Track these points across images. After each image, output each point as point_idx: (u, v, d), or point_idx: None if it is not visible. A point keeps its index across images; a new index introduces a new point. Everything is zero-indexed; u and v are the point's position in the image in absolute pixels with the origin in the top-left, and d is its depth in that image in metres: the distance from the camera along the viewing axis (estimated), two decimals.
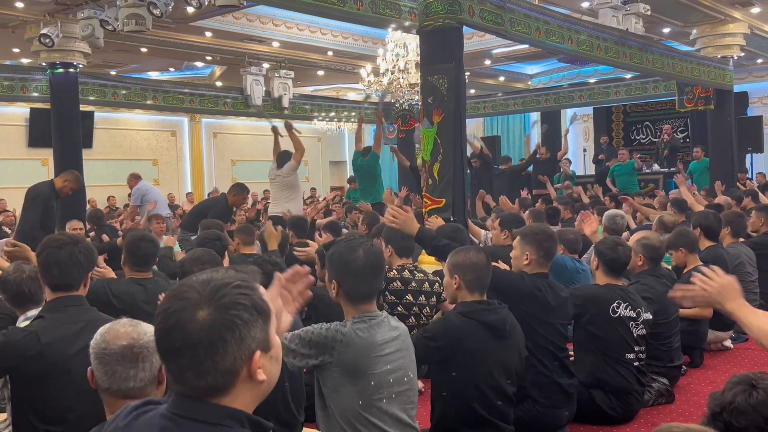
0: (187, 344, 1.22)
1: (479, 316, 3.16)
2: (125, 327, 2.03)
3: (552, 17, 8.42)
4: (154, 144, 18.62)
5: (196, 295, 1.25)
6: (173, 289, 1.30)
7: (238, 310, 1.25)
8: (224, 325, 1.23)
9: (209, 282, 1.27)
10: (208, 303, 1.24)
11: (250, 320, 1.26)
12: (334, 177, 22.88)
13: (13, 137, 15.88)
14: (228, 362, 1.24)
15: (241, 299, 1.26)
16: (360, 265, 2.64)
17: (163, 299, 1.29)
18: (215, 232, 4.91)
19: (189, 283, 1.28)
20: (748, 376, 1.83)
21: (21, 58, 13.17)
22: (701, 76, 11.35)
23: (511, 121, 19.83)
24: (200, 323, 1.22)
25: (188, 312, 1.23)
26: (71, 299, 2.69)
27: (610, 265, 4.15)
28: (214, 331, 1.23)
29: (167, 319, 1.25)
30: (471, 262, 3.23)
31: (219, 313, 1.23)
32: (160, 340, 1.26)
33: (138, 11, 8.28)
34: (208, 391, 1.25)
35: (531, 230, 3.91)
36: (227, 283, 1.27)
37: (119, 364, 1.98)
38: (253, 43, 12.75)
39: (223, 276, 1.29)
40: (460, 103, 6.84)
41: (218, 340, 1.23)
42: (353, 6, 6.80)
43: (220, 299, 1.25)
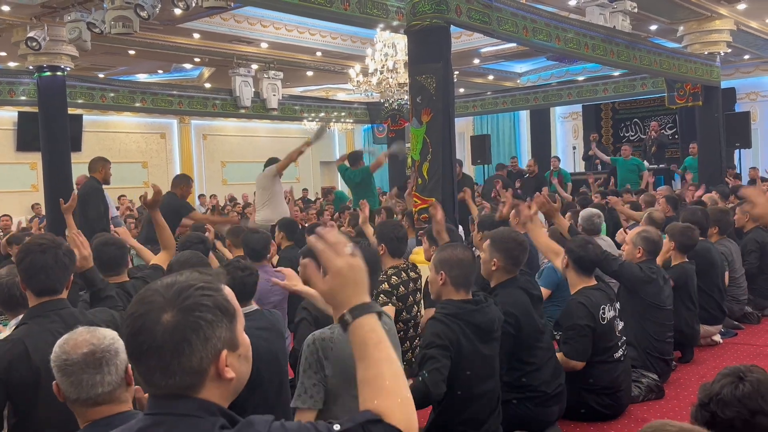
0: (153, 346, 1.26)
1: (469, 318, 3.15)
2: (83, 335, 2.03)
3: (539, 15, 8.45)
4: (144, 146, 18.56)
5: (160, 298, 1.28)
6: (139, 293, 1.33)
7: (202, 311, 1.28)
8: (188, 326, 1.26)
9: (172, 285, 1.30)
10: (172, 306, 1.27)
11: (214, 321, 1.29)
12: (324, 177, 22.86)
13: (1, 141, 15.80)
14: (194, 362, 1.27)
15: (204, 300, 1.29)
16: None
17: (130, 304, 1.32)
18: (198, 235, 4.90)
19: (153, 287, 1.32)
20: (737, 369, 1.85)
21: (8, 62, 13.10)
22: (688, 73, 11.41)
23: (501, 119, 19.87)
24: (165, 326, 1.26)
25: (153, 315, 1.26)
26: (55, 303, 2.67)
27: (579, 263, 4.11)
28: (178, 333, 1.26)
29: (134, 322, 1.28)
30: (457, 258, 3.23)
31: (183, 315, 1.27)
32: (129, 343, 1.30)
33: (125, 13, 8.24)
34: (176, 390, 1.28)
35: (500, 237, 3.82)
36: (190, 285, 1.30)
37: (84, 372, 1.97)
38: (242, 44, 12.73)
39: (186, 278, 1.32)
40: (448, 103, 6.86)
41: (183, 341, 1.26)
42: (340, 6, 6.81)
43: (183, 301, 1.27)
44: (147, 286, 1.34)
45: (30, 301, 2.71)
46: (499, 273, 3.76)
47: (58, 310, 2.67)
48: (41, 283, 2.66)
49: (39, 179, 13.48)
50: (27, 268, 2.67)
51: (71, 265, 2.75)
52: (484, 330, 3.15)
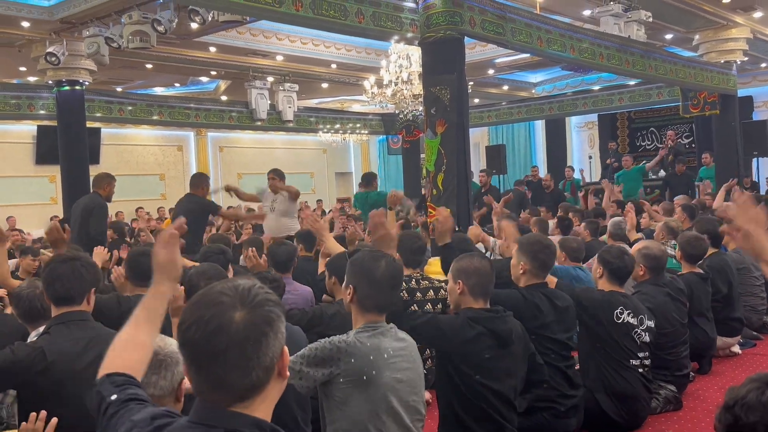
0: (233, 343, 1.27)
1: (487, 324, 3.16)
2: None
3: (553, 26, 8.45)
4: (161, 159, 18.72)
5: (227, 299, 1.31)
6: (195, 301, 1.34)
7: (270, 306, 1.33)
8: (263, 320, 1.31)
9: (237, 286, 1.34)
10: (243, 304, 1.31)
11: (280, 315, 1.35)
12: (340, 188, 22.93)
13: (21, 155, 16.00)
14: (268, 358, 1.30)
15: (269, 296, 1.35)
16: (379, 275, 2.67)
17: (187, 310, 1.33)
18: (219, 246, 4.93)
19: (216, 290, 1.34)
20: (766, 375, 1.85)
21: (27, 77, 13.28)
22: (705, 82, 11.36)
23: (516, 129, 19.85)
24: (242, 322, 1.29)
25: (227, 314, 1.29)
26: (75, 314, 2.71)
27: (616, 273, 4.15)
28: (256, 327, 1.29)
29: (206, 325, 1.29)
30: (474, 267, 3.25)
31: (256, 310, 1.31)
32: (201, 346, 1.29)
33: (142, 28, 8.37)
34: (249, 391, 1.30)
35: (527, 240, 3.91)
36: (253, 285, 1.35)
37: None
38: (257, 57, 12.84)
39: (244, 281, 1.36)
40: (462, 113, 6.88)
41: (261, 335, 1.29)
42: (355, 19, 6.86)
43: (254, 299, 1.32)
44: (204, 291, 1.35)
45: (52, 311, 2.77)
46: (526, 277, 3.80)
47: (78, 321, 2.71)
48: (56, 291, 2.73)
49: (58, 192, 13.64)
50: (46, 277, 2.76)
51: (90, 277, 2.79)
52: (503, 337, 3.16)
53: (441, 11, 6.84)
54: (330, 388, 2.59)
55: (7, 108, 11.39)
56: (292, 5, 6.35)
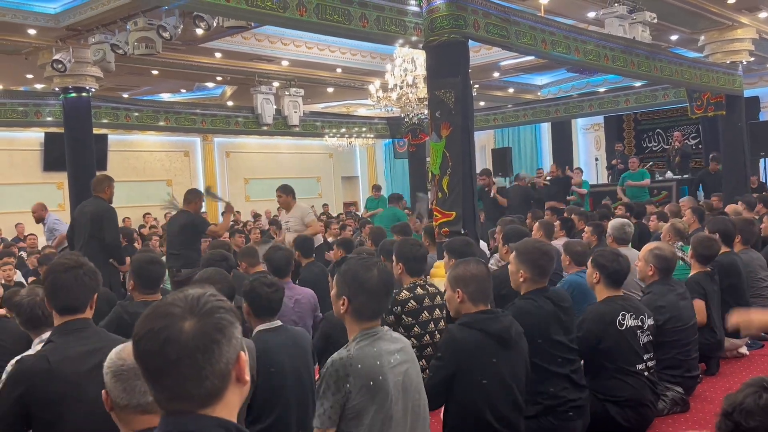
0: (184, 353, 1.28)
1: (482, 326, 3.15)
2: None
3: (557, 28, 8.44)
4: (168, 165, 18.78)
5: (177, 309, 1.31)
6: (147, 313, 1.34)
7: (221, 313, 1.33)
8: (214, 327, 1.30)
9: (186, 297, 1.34)
10: (192, 313, 1.30)
11: (232, 322, 1.34)
12: (346, 192, 22.96)
13: (29, 162, 16.08)
14: (222, 364, 1.30)
15: (220, 304, 1.34)
16: (374, 284, 2.65)
17: (139, 323, 1.33)
18: (221, 252, 4.95)
19: (165, 302, 1.34)
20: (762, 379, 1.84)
21: (34, 84, 13.35)
22: (710, 83, 11.32)
23: (522, 132, 19.84)
24: (191, 332, 1.29)
25: (176, 325, 1.29)
26: (78, 322, 2.71)
27: (612, 277, 4.10)
28: (207, 336, 1.29)
29: (156, 336, 1.29)
30: (471, 274, 3.23)
31: (206, 319, 1.31)
32: (153, 358, 1.30)
33: (148, 35, 8.40)
34: (206, 399, 1.30)
35: (525, 248, 3.83)
36: (203, 293, 1.35)
37: (138, 379, 1.99)
38: (263, 62, 12.87)
39: (195, 290, 1.36)
40: (467, 117, 6.87)
41: (212, 343, 1.29)
42: (359, 24, 6.88)
43: (203, 307, 1.32)
44: (154, 305, 1.35)
45: (54, 320, 2.76)
46: (526, 284, 3.76)
47: (82, 329, 2.72)
48: (62, 301, 2.72)
49: (65, 199, 13.71)
50: (49, 286, 2.75)
51: (93, 285, 2.80)
52: (502, 337, 3.15)
53: (445, 15, 6.84)
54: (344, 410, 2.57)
55: (15, 115, 11.44)
56: (296, 10, 6.38)
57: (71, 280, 2.72)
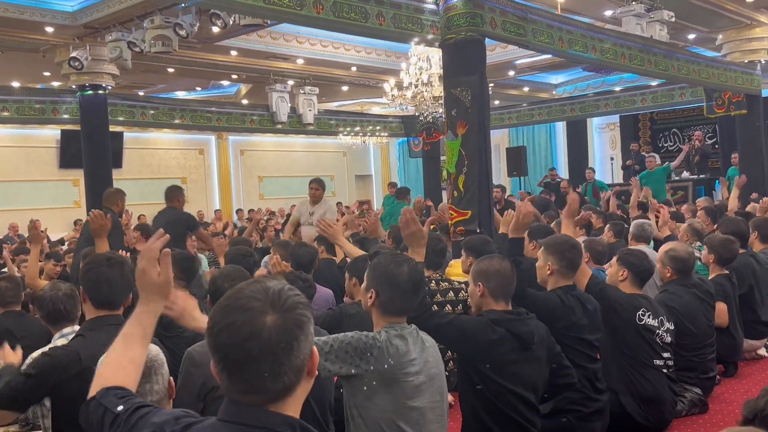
0: (266, 349, 1.27)
1: (509, 326, 3.13)
2: None
3: (575, 26, 8.41)
4: (183, 162, 18.86)
5: (258, 303, 1.30)
6: (225, 305, 1.32)
7: (301, 309, 1.33)
8: (295, 324, 1.31)
9: (267, 289, 1.33)
10: (274, 308, 1.30)
11: (310, 318, 1.34)
12: (360, 191, 22.98)
13: (45, 159, 16.19)
14: (299, 360, 1.31)
15: (299, 299, 1.34)
16: (403, 280, 2.65)
17: (217, 314, 1.32)
18: (246, 248, 4.95)
19: (246, 294, 1.32)
20: None
21: (51, 81, 13.45)
22: (728, 82, 11.24)
23: (537, 131, 19.76)
24: (274, 328, 1.28)
25: (259, 320, 1.28)
26: (112, 318, 2.69)
27: (641, 276, 4.11)
28: (288, 332, 1.29)
29: (238, 330, 1.28)
30: (495, 269, 3.21)
31: (287, 314, 1.30)
32: (234, 351, 1.28)
33: (164, 32, 8.44)
34: (280, 393, 1.30)
35: (554, 240, 3.84)
36: (282, 287, 1.34)
37: (148, 382, 2.02)
38: (278, 60, 12.89)
39: (274, 283, 1.35)
40: (483, 115, 6.86)
41: (293, 339, 1.29)
42: (375, 21, 6.86)
43: (285, 302, 1.32)
44: (232, 294, 1.34)
45: (88, 313, 2.75)
46: (554, 278, 3.72)
47: (115, 324, 2.71)
48: (104, 295, 2.71)
49: (81, 196, 13.80)
50: (93, 279, 2.71)
51: (134, 284, 2.81)
52: (525, 339, 3.13)
53: (462, 12, 6.83)
54: (355, 385, 2.57)
55: (32, 112, 11.55)
56: (313, 8, 6.37)
57: (117, 275, 2.71)
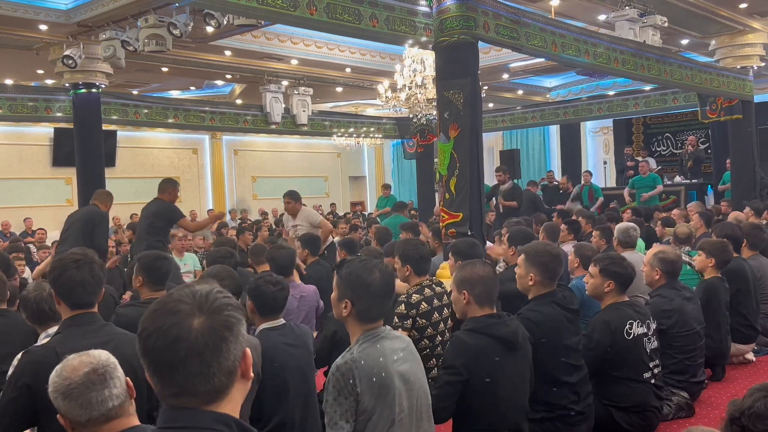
0: (194, 351, 1.28)
1: (490, 330, 3.13)
2: (77, 358, 2.06)
3: (568, 30, 8.42)
4: (176, 162, 18.82)
5: (186, 306, 1.31)
6: (155, 309, 1.33)
7: (229, 310, 1.33)
8: (223, 325, 1.31)
9: (194, 293, 1.33)
10: (201, 310, 1.31)
11: (240, 319, 1.34)
12: (353, 192, 22.98)
13: (38, 157, 16.15)
14: (230, 362, 1.31)
15: (228, 301, 1.35)
16: (377, 287, 2.64)
17: (147, 319, 1.32)
18: (227, 249, 4.95)
19: (174, 298, 1.33)
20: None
21: (45, 79, 13.42)
22: (721, 87, 11.28)
23: (530, 134, 19.80)
24: (201, 329, 1.29)
25: (186, 322, 1.29)
26: (87, 316, 2.74)
27: (625, 283, 4.05)
28: (216, 333, 1.30)
29: (166, 333, 1.29)
30: (478, 276, 3.21)
31: (214, 316, 1.31)
32: (161, 355, 1.29)
33: (158, 32, 8.43)
34: (212, 395, 1.31)
35: (535, 250, 3.76)
36: (210, 290, 1.35)
37: (91, 391, 1.99)
38: (272, 61, 12.90)
39: (202, 287, 1.36)
40: (476, 118, 6.86)
41: (221, 341, 1.30)
42: (369, 23, 6.87)
43: (211, 304, 1.32)
44: (162, 299, 1.35)
45: (64, 314, 2.77)
46: (536, 287, 3.72)
47: (90, 322, 2.74)
48: (79, 297, 2.73)
49: (74, 194, 13.76)
50: (65, 282, 2.72)
51: (103, 278, 2.82)
52: (509, 341, 3.14)
53: (455, 15, 6.83)
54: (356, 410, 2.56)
55: (25, 110, 11.50)
56: (306, 9, 6.38)
57: (87, 276, 2.73)
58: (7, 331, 4.06)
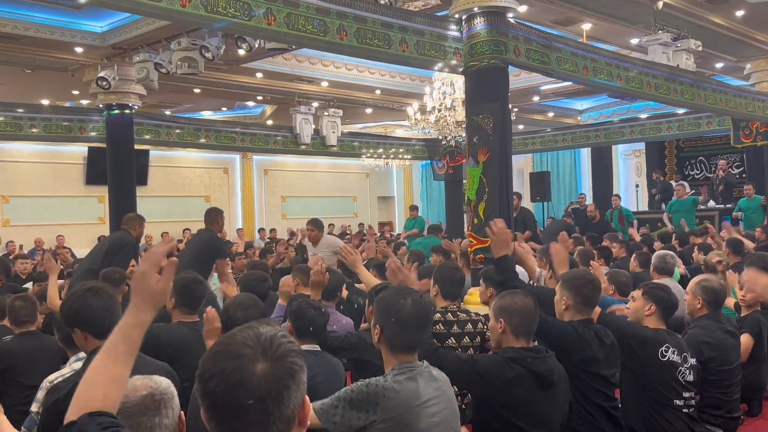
0: (255, 399, 1.24)
1: (527, 364, 3.07)
2: (140, 380, 2.04)
3: (600, 55, 8.36)
4: (207, 181, 19.01)
5: (249, 351, 1.27)
6: (217, 351, 1.30)
7: (293, 357, 1.29)
8: (286, 373, 1.27)
9: (258, 336, 1.29)
10: (265, 355, 1.27)
11: (302, 366, 1.30)
12: (381, 212, 22.98)
13: (72, 175, 16.41)
14: (290, 410, 1.27)
15: (292, 347, 1.30)
16: (406, 314, 2.59)
17: (208, 360, 1.29)
18: (261, 273, 4.92)
19: (237, 341, 1.30)
20: None
21: (80, 100, 13.66)
22: (756, 111, 11.11)
23: (561, 156, 19.65)
24: (264, 376, 1.25)
25: (249, 367, 1.25)
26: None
27: (669, 311, 3.97)
28: (278, 381, 1.25)
29: (228, 378, 1.25)
30: (518, 306, 3.15)
31: (279, 363, 1.27)
32: (223, 399, 1.26)
33: (191, 54, 8.55)
34: None
35: (570, 276, 3.79)
36: (275, 334, 1.31)
37: (143, 415, 1.96)
38: (303, 83, 13.00)
39: (267, 329, 1.32)
40: (505, 142, 6.82)
41: (283, 389, 1.26)
42: (399, 48, 6.87)
43: (276, 350, 1.28)
44: (224, 339, 1.32)
45: (89, 344, 2.69)
46: (570, 312, 3.67)
47: None
48: (105, 323, 2.63)
49: (106, 212, 13.94)
50: (86, 313, 2.67)
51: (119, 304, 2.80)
52: (545, 377, 3.07)
53: (485, 40, 6.82)
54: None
55: (60, 130, 11.72)
56: (336, 34, 6.40)
57: (108, 301, 2.69)
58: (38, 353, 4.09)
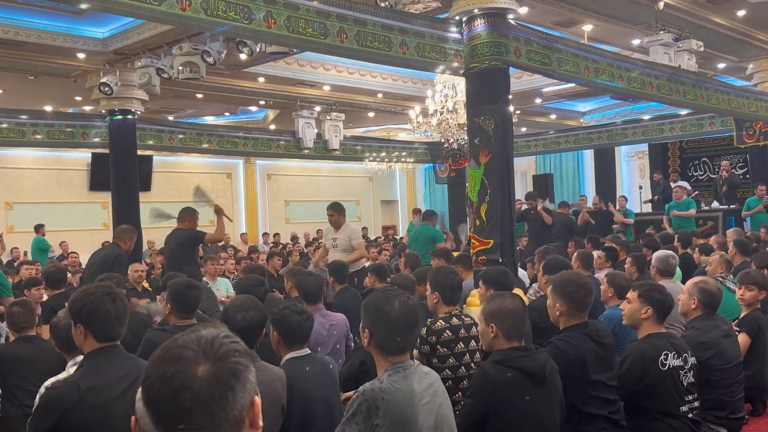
0: (198, 401, 1.21)
1: (516, 363, 3.05)
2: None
3: (601, 56, 8.35)
4: (210, 186, 18.93)
5: (191, 353, 1.24)
6: (158, 356, 1.27)
7: (236, 356, 1.25)
8: (229, 373, 1.23)
9: (199, 339, 1.26)
10: (207, 357, 1.23)
11: (247, 365, 1.26)
12: (385, 216, 22.97)
13: (75, 181, 16.45)
14: (236, 411, 1.23)
15: (235, 347, 1.27)
16: (394, 317, 2.59)
17: (150, 367, 1.27)
18: (257, 277, 4.92)
19: (177, 344, 1.27)
20: None
21: (82, 106, 13.69)
22: (759, 112, 11.08)
23: (564, 158, 19.63)
24: (206, 377, 1.22)
25: (190, 370, 1.22)
26: (114, 348, 2.69)
27: (665, 312, 3.90)
28: (222, 382, 1.22)
29: (169, 382, 1.22)
30: (507, 309, 3.14)
31: (221, 363, 1.23)
32: (165, 405, 1.22)
33: (192, 59, 8.56)
34: None
35: (561, 280, 3.70)
36: (217, 335, 1.27)
37: None
38: (305, 87, 13.02)
39: (209, 331, 1.29)
40: (507, 144, 6.81)
41: (227, 390, 1.22)
42: (399, 50, 6.86)
43: (218, 350, 1.24)
44: (166, 344, 1.29)
45: (88, 346, 2.70)
46: (564, 318, 3.64)
47: (116, 353, 2.71)
48: (113, 330, 2.68)
49: (110, 218, 13.95)
50: (101, 318, 2.67)
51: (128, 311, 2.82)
52: (536, 375, 3.05)
53: (486, 42, 6.82)
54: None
55: (63, 136, 11.75)
56: (337, 37, 6.40)
57: (121, 309, 2.71)
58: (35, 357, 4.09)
